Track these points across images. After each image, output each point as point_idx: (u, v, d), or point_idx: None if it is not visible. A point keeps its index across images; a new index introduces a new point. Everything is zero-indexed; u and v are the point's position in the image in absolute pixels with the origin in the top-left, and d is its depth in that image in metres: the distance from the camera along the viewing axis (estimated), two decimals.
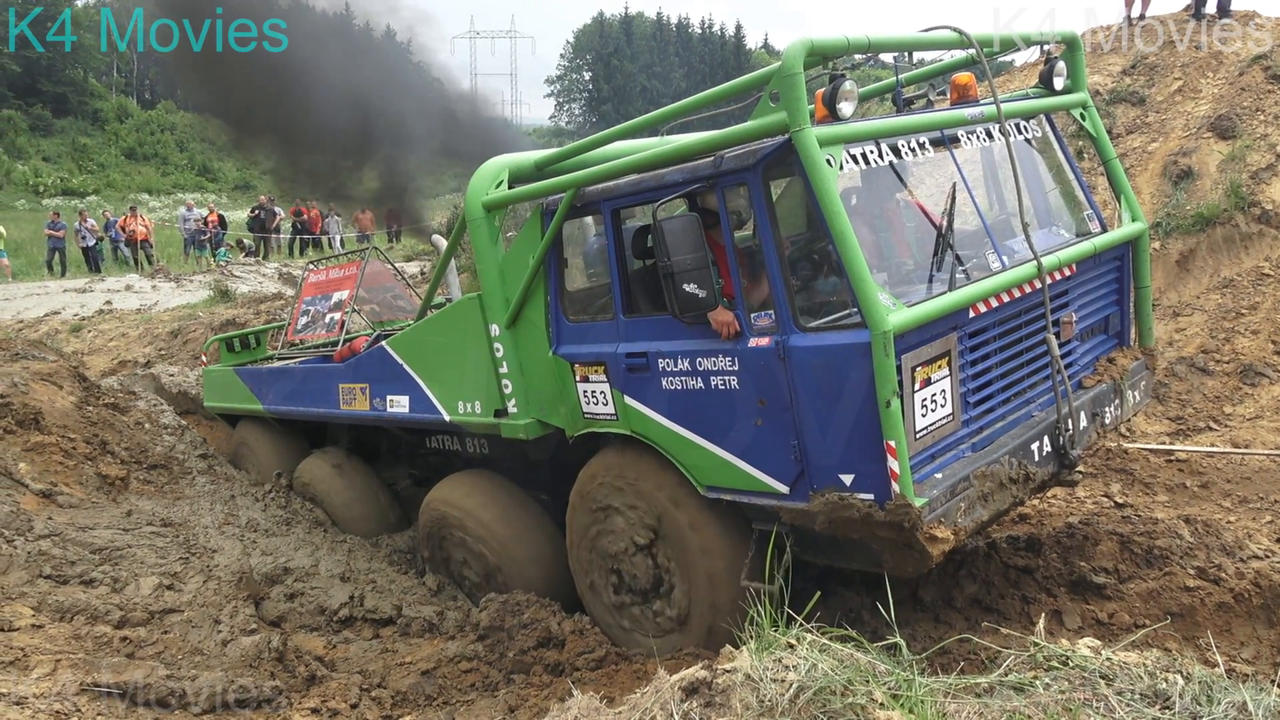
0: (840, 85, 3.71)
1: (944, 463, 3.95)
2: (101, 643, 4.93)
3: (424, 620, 5.76)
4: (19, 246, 24.62)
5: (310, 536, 7.05)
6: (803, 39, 3.57)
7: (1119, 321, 5.13)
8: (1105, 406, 4.76)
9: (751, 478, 4.08)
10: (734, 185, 3.99)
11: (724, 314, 4.03)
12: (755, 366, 3.93)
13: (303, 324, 8.88)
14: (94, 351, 12.97)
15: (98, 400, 9.05)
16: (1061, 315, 4.56)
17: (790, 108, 3.53)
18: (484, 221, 5.07)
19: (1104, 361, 4.96)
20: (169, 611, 5.52)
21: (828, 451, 3.77)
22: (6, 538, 5.93)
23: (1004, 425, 4.30)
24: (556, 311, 4.89)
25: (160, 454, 8.42)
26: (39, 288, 18.46)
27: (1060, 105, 5.02)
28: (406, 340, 6.14)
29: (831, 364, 3.65)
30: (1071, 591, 4.91)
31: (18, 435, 7.46)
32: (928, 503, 3.61)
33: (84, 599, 5.41)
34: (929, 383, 3.79)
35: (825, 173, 3.51)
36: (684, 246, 3.83)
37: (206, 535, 6.79)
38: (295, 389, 7.69)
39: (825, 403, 3.71)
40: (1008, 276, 4.14)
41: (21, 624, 4.89)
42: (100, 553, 6.09)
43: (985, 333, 4.14)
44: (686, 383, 4.24)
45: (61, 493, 6.95)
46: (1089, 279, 4.84)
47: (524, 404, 5.19)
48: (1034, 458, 4.23)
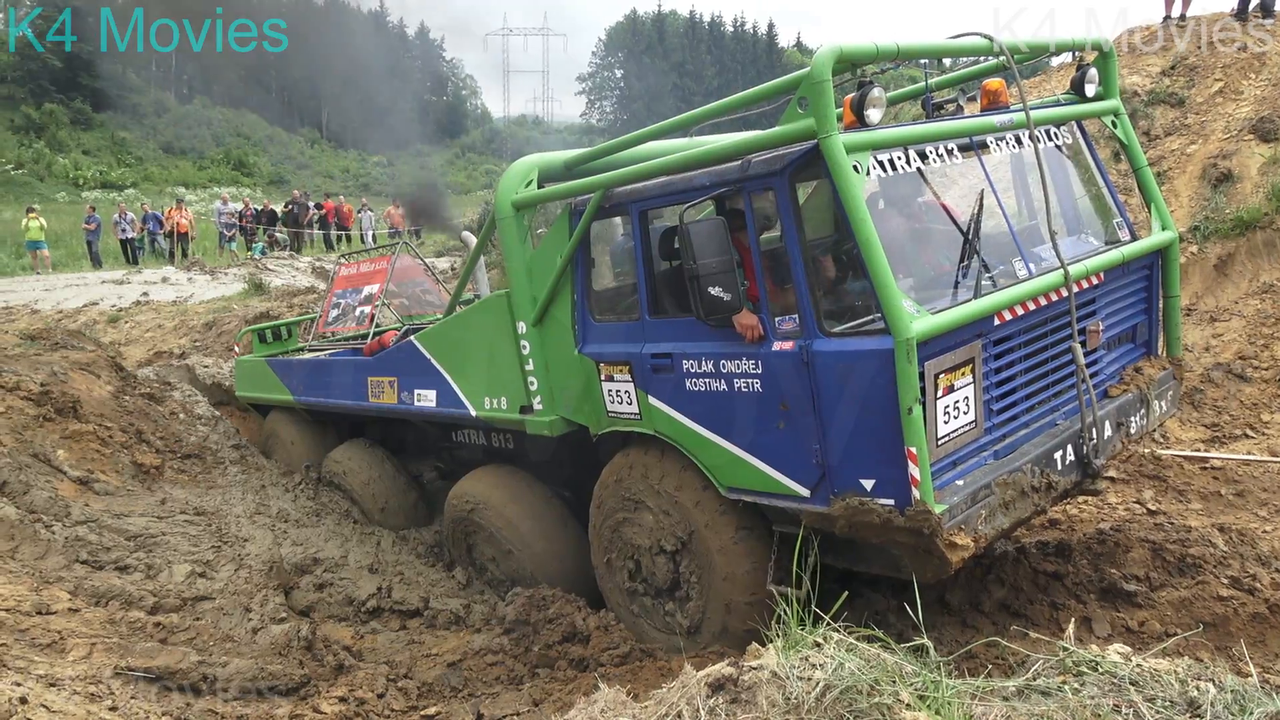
0: (869, 92, 3.70)
1: (966, 469, 3.94)
2: (135, 628, 5.02)
3: (450, 613, 5.82)
4: (59, 238, 25.05)
5: (340, 528, 7.13)
6: (832, 46, 3.57)
7: (1147, 330, 5.08)
8: (1131, 416, 4.72)
9: (773, 480, 4.11)
10: (761, 189, 4.00)
11: (748, 317, 4.04)
12: (778, 370, 3.95)
13: (334, 316, 9.02)
14: (131, 342, 13.18)
15: (134, 390, 9.20)
16: (1088, 324, 4.53)
17: (818, 114, 3.54)
18: (513, 220, 5.10)
19: (1130, 370, 4.90)
20: (201, 599, 5.61)
21: (849, 456, 3.78)
22: (45, 523, 6.05)
23: (1027, 433, 4.27)
24: (583, 310, 4.93)
25: (194, 444, 8.55)
26: (78, 279, 18.79)
27: (1091, 113, 4.97)
28: (435, 336, 6.22)
29: (854, 370, 3.65)
30: (1101, 598, 4.86)
31: (56, 423, 7.60)
32: (947, 509, 3.60)
33: (119, 585, 5.51)
34: (952, 390, 3.77)
35: (852, 179, 3.52)
36: (710, 250, 3.85)
37: (238, 524, 6.88)
38: (325, 381, 7.81)
39: (847, 408, 3.72)
40: (1033, 285, 4.11)
41: (59, 607, 4.99)
42: (135, 540, 6.20)
43: (1010, 340, 4.12)
44: (710, 384, 4.26)
45: (98, 480, 7.08)
46: (1117, 287, 4.79)
47: (549, 401, 5.24)
48: (1057, 466, 4.20)
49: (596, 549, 5.27)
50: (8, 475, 6.54)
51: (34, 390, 7.86)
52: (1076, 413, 4.37)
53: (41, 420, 7.53)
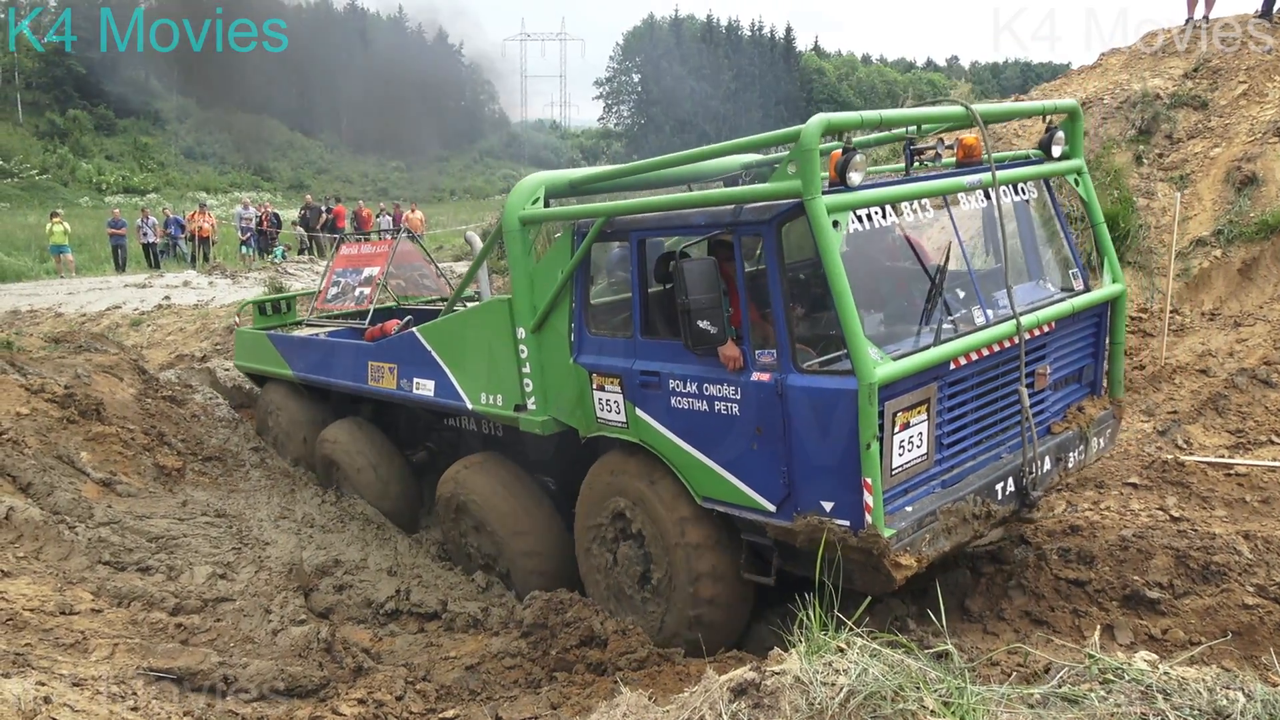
0: (851, 158, 4.05)
1: (915, 497, 4.34)
2: (157, 628, 5.06)
3: (468, 616, 5.83)
4: (82, 242, 25.32)
5: (362, 533, 7.17)
6: (820, 118, 3.93)
7: (1093, 372, 5.51)
8: (1069, 452, 5.15)
9: (744, 494, 4.51)
10: (750, 234, 4.36)
11: (732, 349, 4.40)
12: (755, 398, 4.33)
13: (333, 294, 9.29)
14: (153, 345, 13.29)
15: (156, 393, 9.29)
16: (1037, 367, 4.92)
17: (805, 178, 3.89)
18: (519, 234, 5.43)
19: (1074, 409, 5.32)
20: (222, 600, 5.65)
21: (812, 480, 4.18)
22: (69, 524, 6.10)
23: (974, 465, 4.67)
24: (580, 324, 5.27)
25: (215, 446, 8.62)
26: (101, 282, 18.98)
27: (1055, 172, 5.36)
28: (437, 330, 6.49)
29: (822, 405, 4.05)
30: (1124, 606, 4.81)
31: (80, 425, 7.68)
32: (895, 534, 4.01)
33: (141, 585, 5.55)
34: (908, 426, 4.18)
35: (830, 237, 3.88)
36: (701, 287, 4.24)
37: (260, 527, 6.93)
38: (325, 361, 8.06)
39: (814, 437, 4.13)
40: (988, 334, 4.50)
41: (82, 608, 5.03)
42: (157, 541, 6.25)
43: (964, 382, 4.51)
44: (693, 404, 4.66)
45: (120, 482, 7.15)
46: (1067, 334, 5.18)
47: (543, 402, 5.59)
48: (997, 496, 4.59)
49: (580, 539, 5.61)
50: (32, 476, 6.61)
51: (58, 393, 7.95)
52: (1020, 447, 4.78)
53: (65, 422, 7.61)
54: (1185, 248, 9.38)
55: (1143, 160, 10.38)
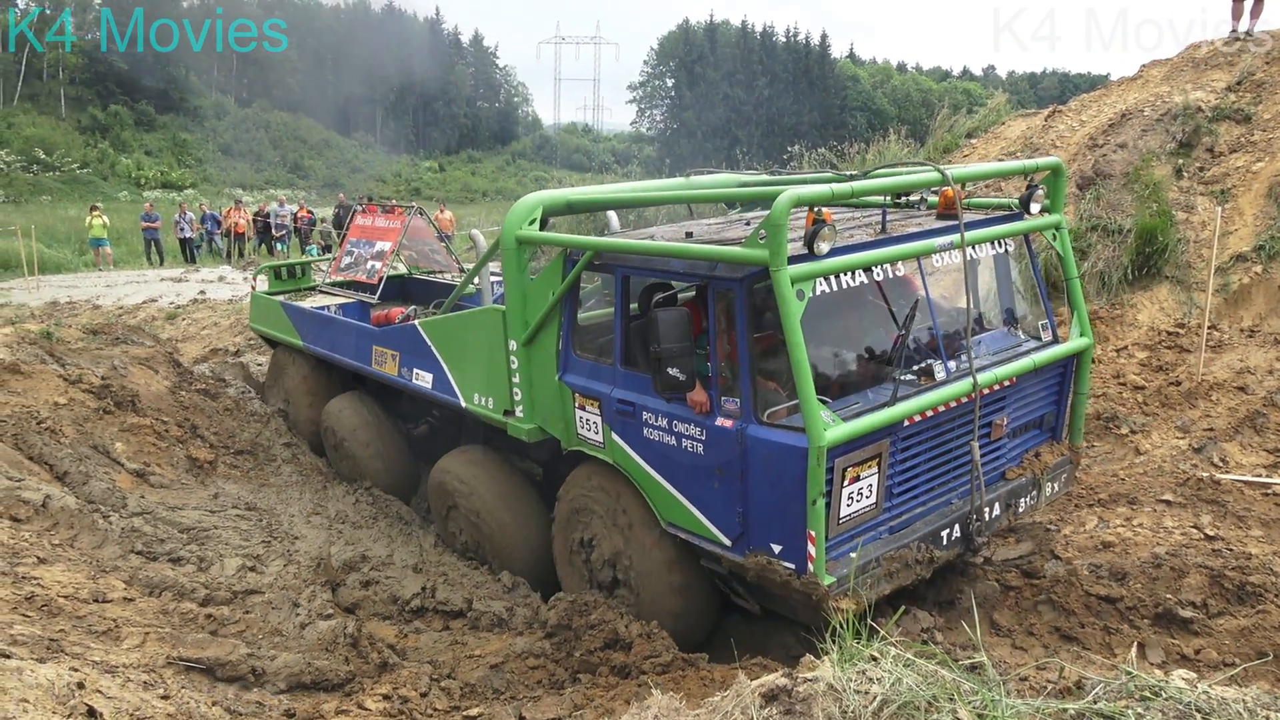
0: (819, 230, 4.19)
1: (861, 542, 4.53)
2: (187, 619, 5.12)
3: (493, 615, 5.84)
4: (120, 236, 25.74)
5: (390, 529, 7.22)
6: (789, 193, 4.07)
7: (1054, 419, 5.66)
8: (1021, 497, 5.32)
9: (704, 526, 4.77)
10: (723, 288, 4.53)
11: (700, 394, 4.64)
12: (718, 441, 4.56)
13: (346, 263, 9.58)
14: (187, 339, 13.47)
15: (190, 386, 9.41)
16: (994, 418, 5.09)
17: (773, 249, 4.06)
18: (515, 253, 5.65)
19: (1031, 455, 5.46)
20: (251, 592, 5.70)
21: (764, 522, 4.43)
22: (103, 513, 6.20)
23: (923, 510, 4.85)
24: (567, 345, 5.52)
25: (247, 440, 8.71)
26: (138, 275, 19.28)
27: (1032, 228, 5.47)
28: (438, 326, 6.75)
29: (776, 457, 4.27)
30: (1156, 624, 4.74)
31: (116, 416, 7.80)
32: (836, 581, 4.27)
33: (172, 576, 5.62)
34: (858, 479, 4.38)
35: (793, 307, 4.06)
36: (673, 336, 4.45)
37: (290, 522, 6.99)
38: (334, 338, 8.35)
39: (768, 485, 4.36)
40: (944, 392, 4.64)
41: (114, 596, 5.10)
42: (188, 532, 6.33)
43: (917, 436, 4.67)
44: (663, 437, 4.91)
45: (154, 473, 7.25)
46: (1028, 387, 5.33)
47: (530, 411, 5.87)
48: (942, 543, 4.78)
49: (558, 540, 5.93)
50: (69, 465, 6.72)
51: (95, 384, 8.08)
52: (969, 494, 4.93)
53: (101, 413, 7.73)
54: (1225, 263, 9.23)
55: (1183, 174, 10.23)
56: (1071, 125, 11.75)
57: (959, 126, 14.43)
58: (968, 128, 14.23)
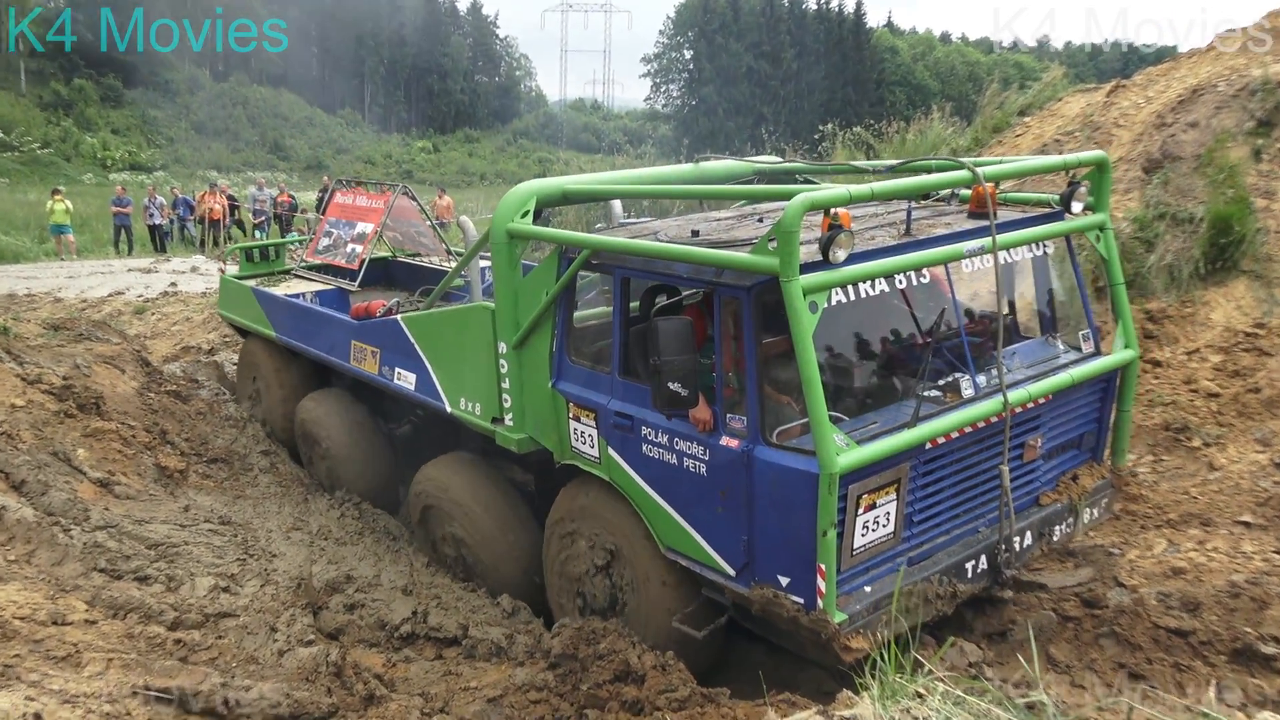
0: (835, 236, 4.16)
1: (877, 575, 4.54)
2: (154, 644, 5.13)
3: (491, 643, 5.83)
4: (85, 222, 25.89)
5: (375, 546, 7.23)
6: (802, 198, 4.04)
7: (1095, 439, 5.66)
8: (1055, 525, 5.31)
9: (706, 553, 4.79)
10: (729, 296, 4.54)
11: (703, 411, 4.64)
12: (722, 462, 4.57)
13: (324, 245, 9.60)
14: (157, 335, 13.54)
15: (159, 387, 9.46)
16: (1027, 438, 5.11)
17: (784, 258, 4.03)
18: (506, 247, 5.66)
19: (1068, 478, 5.46)
20: (224, 615, 5.71)
21: (771, 553, 4.44)
22: (63, 526, 6.22)
23: (946, 540, 4.85)
24: (561, 349, 5.54)
25: (221, 447, 8.75)
26: (104, 266, 19.40)
27: (1074, 229, 5.45)
28: (421, 323, 6.76)
29: (785, 482, 4.26)
30: (1233, 661, 4.69)
31: (78, 420, 7.84)
32: (848, 618, 4.26)
33: (138, 596, 5.64)
34: (873, 507, 4.37)
35: (804, 320, 4.05)
36: (674, 348, 4.41)
37: (268, 538, 7.00)
38: (309, 329, 8.40)
39: (775, 512, 4.36)
40: (971, 412, 4.65)
41: (75, 618, 5.11)
42: (156, 548, 6.34)
43: (941, 460, 4.68)
44: (663, 455, 4.92)
45: (119, 483, 7.27)
46: (1066, 404, 5.33)
47: (520, 419, 5.91)
48: (966, 575, 4.79)
49: (549, 560, 5.99)
50: (26, 474, 6.74)
51: (56, 384, 8.12)
52: (998, 522, 4.90)
53: (62, 416, 7.77)
54: None
55: (1262, 155, 10.11)
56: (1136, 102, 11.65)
57: (1010, 103, 14.35)
58: (1020, 105, 14.15)
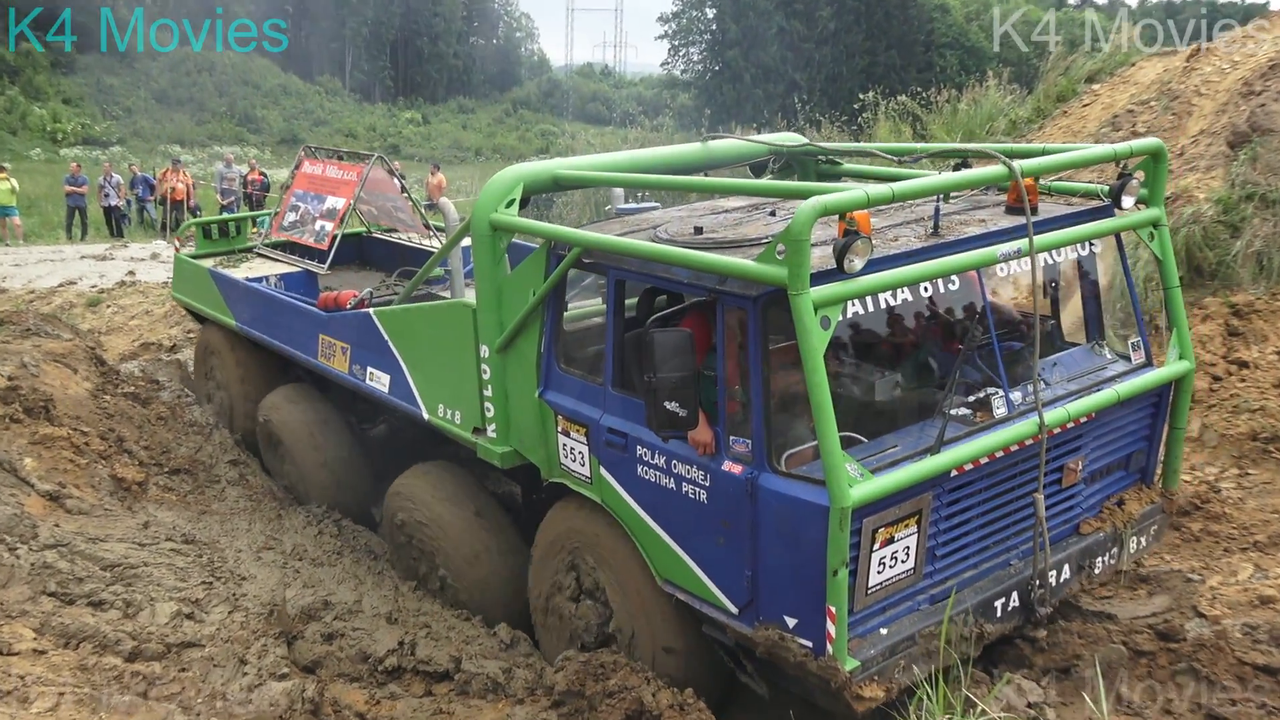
0: (852, 243, 4.10)
1: (895, 615, 4.57)
2: (111, 676, 5.18)
3: (487, 678, 5.85)
4: (33, 203, 26.08)
5: (355, 568, 7.27)
6: (814, 202, 4.00)
7: (1144, 458, 5.67)
8: (1098, 556, 5.34)
9: (706, 588, 4.82)
10: (734, 306, 4.54)
11: (703, 433, 4.64)
12: (724, 490, 4.58)
13: (290, 220, 9.67)
14: (113, 330, 13.64)
15: (116, 389, 9.53)
16: (1068, 461, 5.11)
17: (792, 269, 4.01)
18: (489, 240, 5.72)
19: (1113, 503, 5.47)
20: (188, 645, 5.76)
21: (777, 591, 4.47)
22: (8, 545, 6.28)
23: (974, 574, 4.87)
24: (549, 355, 5.58)
25: (184, 457, 8.81)
26: (54, 252, 19.54)
27: (1125, 226, 5.37)
28: (396, 318, 6.79)
29: (793, 515, 4.27)
30: None
31: (25, 425, 7.90)
32: (860, 664, 4.27)
33: (92, 624, 5.69)
34: (891, 541, 4.37)
35: (815, 338, 4.02)
36: (672, 364, 4.40)
37: (237, 559, 7.04)
38: (273, 320, 8.47)
39: (782, 547, 4.37)
40: (1002, 435, 4.64)
41: (21, 648, 5.17)
42: (112, 570, 6.40)
43: (968, 487, 4.69)
44: (660, 478, 4.93)
45: (71, 496, 7.33)
46: (1113, 421, 5.34)
47: (504, 431, 5.98)
48: (995, 614, 4.82)
49: (534, 586, 6.10)
50: None
51: (0, 385, 8.18)
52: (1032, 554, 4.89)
53: (8, 422, 7.83)
54: None
55: None
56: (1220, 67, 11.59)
57: (1077, 68, 14.29)
58: (1088, 70, 14.10)
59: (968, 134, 14.56)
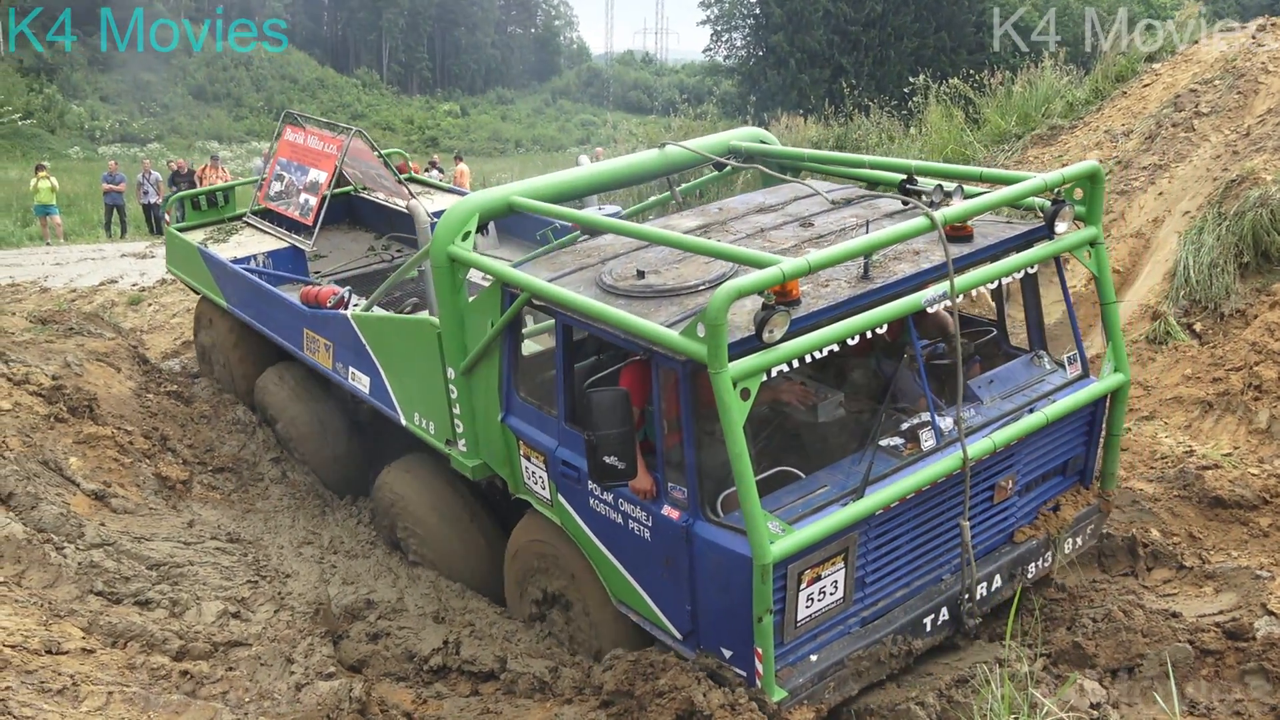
0: (770, 316, 4.35)
1: (825, 641, 4.95)
2: (158, 676, 5.27)
3: (533, 677, 5.88)
4: (73, 202, 26.47)
5: (388, 559, 7.35)
6: (727, 288, 4.22)
7: (1083, 462, 5.99)
8: (1030, 563, 5.68)
9: (654, 613, 5.24)
10: (666, 366, 4.80)
11: (644, 481, 4.99)
12: (665, 532, 4.95)
13: (275, 190, 9.97)
14: (155, 329, 13.83)
15: (159, 387, 9.68)
16: (999, 479, 5.39)
17: (711, 350, 4.25)
18: (447, 271, 5.94)
19: (1047, 510, 5.81)
20: (235, 644, 5.85)
21: (713, 625, 4.89)
22: (56, 544, 6.40)
23: (905, 594, 5.20)
24: (509, 383, 5.87)
25: (228, 455, 8.92)
26: (94, 250, 19.84)
27: (1061, 249, 5.61)
28: (372, 325, 7.12)
29: (723, 562, 4.64)
30: None
31: (69, 424, 8.05)
32: (788, 694, 4.71)
33: (139, 623, 5.80)
34: (818, 579, 4.72)
35: (734, 411, 4.28)
36: (610, 421, 4.65)
37: (280, 556, 7.14)
38: (261, 307, 8.75)
39: (715, 589, 4.78)
40: (927, 472, 4.87)
41: (71, 646, 5.27)
42: (158, 569, 6.51)
43: (895, 520, 4.97)
44: (610, 513, 5.28)
45: (115, 495, 7.46)
46: (1045, 437, 5.59)
47: (473, 446, 6.29)
48: (925, 630, 5.19)
49: (509, 586, 6.51)
50: (14, 486, 6.95)
51: (45, 385, 8.34)
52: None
53: (53, 421, 7.98)
54: None
55: None
56: None
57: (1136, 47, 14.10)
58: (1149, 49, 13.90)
59: (1022, 117, 14.42)
